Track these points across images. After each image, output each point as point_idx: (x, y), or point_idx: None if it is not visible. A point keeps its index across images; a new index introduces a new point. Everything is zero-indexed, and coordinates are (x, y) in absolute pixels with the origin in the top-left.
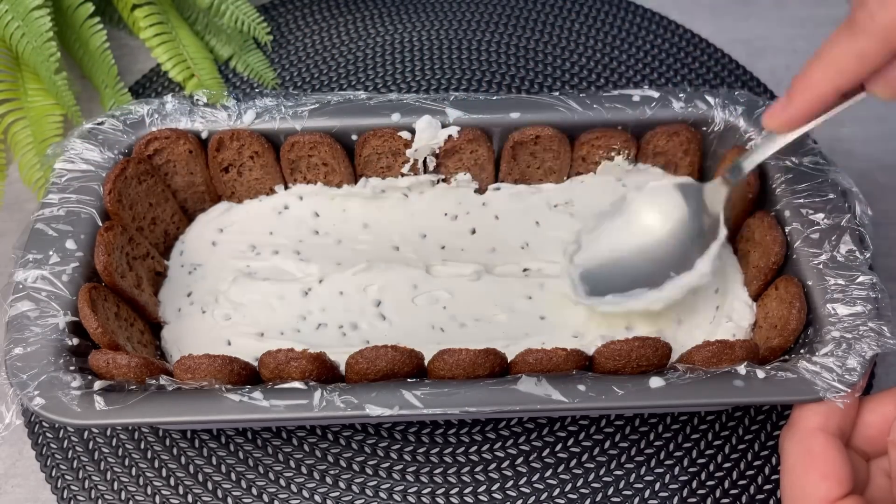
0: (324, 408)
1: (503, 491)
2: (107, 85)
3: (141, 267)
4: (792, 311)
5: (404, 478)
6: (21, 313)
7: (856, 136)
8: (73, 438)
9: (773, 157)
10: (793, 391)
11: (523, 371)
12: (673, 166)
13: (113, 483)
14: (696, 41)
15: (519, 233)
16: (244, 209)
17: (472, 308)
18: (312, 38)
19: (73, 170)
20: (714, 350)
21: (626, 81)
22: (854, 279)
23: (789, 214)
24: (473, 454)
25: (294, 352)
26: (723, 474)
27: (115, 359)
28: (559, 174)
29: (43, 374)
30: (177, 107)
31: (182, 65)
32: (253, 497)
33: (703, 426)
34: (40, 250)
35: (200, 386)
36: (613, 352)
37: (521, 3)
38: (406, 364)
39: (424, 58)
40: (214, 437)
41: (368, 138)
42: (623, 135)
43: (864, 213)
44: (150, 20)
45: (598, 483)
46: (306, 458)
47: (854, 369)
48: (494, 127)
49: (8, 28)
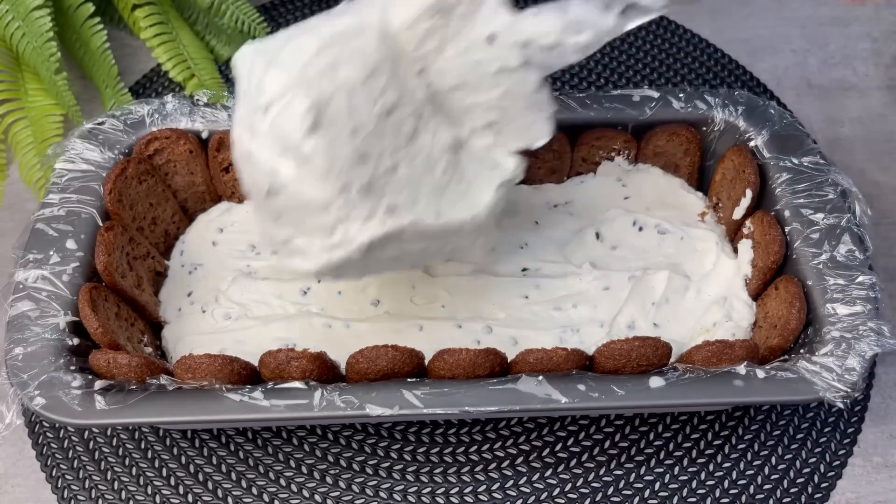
0: (324, 407)
1: (503, 491)
2: (107, 85)
3: (141, 267)
4: (792, 311)
5: (404, 478)
6: (21, 313)
7: (856, 136)
8: (73, 438)
9: (773, 157)
10: (793, 391)
11: (523, 371)
12: (673, 166)
13: (113, 483)
14: (696, 41)
15: (518, 233)
16: (244, 209)
17: (471, 307)
18: None
19: (73, 170)
20: (714, 350)
21: (626, 81)
22: (854, 279)
23: (789, 214)
24: (473, 454)
25: (294, 351)
26: (723, 474)
27: (116, 358)
28: (559, 174)
29: (43, 373)
30: (177, 107)
31: (182, 65)
32: (253, 497)
33: (703, 426)
34: (41, 250)
35: (201, 386)
36: (613, 351)
37: (521, 3)
38: (406, 364)
39: None
40: (214, 436)
41: None
42: (623, 135)
43: (864, 213)
44: (150, 20)
45: (598, 483)
46: (306, 457)
47: (854, 369)
48: None
49: (8, 28)
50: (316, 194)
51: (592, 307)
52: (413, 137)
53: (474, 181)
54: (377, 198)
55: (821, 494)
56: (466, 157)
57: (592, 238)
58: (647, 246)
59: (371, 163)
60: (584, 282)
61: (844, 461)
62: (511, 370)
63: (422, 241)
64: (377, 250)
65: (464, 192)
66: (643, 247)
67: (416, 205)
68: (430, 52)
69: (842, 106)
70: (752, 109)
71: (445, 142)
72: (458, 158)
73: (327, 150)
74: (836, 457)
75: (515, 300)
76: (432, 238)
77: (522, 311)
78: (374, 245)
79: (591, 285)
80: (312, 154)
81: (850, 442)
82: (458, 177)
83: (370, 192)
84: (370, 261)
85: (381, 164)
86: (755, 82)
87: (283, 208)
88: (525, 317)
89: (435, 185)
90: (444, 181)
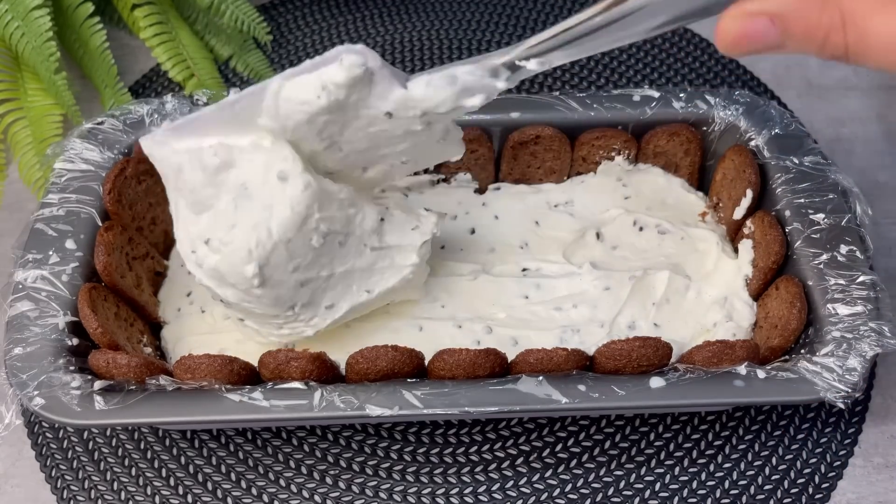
0: (324, 408)
1: (503, 491)
2: (107, 85)
3: (141, 267)
4: (792, 311)
5: (404, 478)
6: (21, 313)
7: (856, 136)
8: (73, 438)
9: (774, 157)
10: (793, 391)
11: (524, 371)
12: (673, 166)
13: (113, 483)
14: (696, 41)
15: (518, 233)
16: None
17: (471, 307)
18: (312, 38)
19: (72, 170)
20: (714, 350)
21: (627, 81)
22: (854, 279)
23: (790, 214)
24: (473, 454)
25: (294, 352)
26: (723, 474)
27: (115, 359)
28: (559, 174)
29: (43, 374)
30: (177, 107)
31: (182, 65)
32: (253, 497)
33: (704, 426)
34: (40, 250)
35: (200, 386)
36: (614, 351)
37: (521, 3)
38: (406, 364)
39: (424, 58)
40: (214, 437)
41: None
42: (623, 135)
43: (865, 213)
44: (150, 20)
45: (599, 483)
46: (306, 458)
47: (854, 369)
48: (494, 126)
49: (8, 28)
50: (262, 312)
51: (593, 307)
52: (344, 242)
53: (398, 251)
54: (317, 304)
55: (821, 495)
56: (389, 225)
57: (592, 238)
58: (648, 246)
59: (311, 283)
60: (585, 282)
61: (845, 461)
62: (511, 370)
63: (360, 310)
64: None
65: (390, 264)
66: (643, 247)
67: (349, 293)
68: (335, 133)
69: (842, 106)
70: (753, 109)
71: (373, 222)
72: (383, 229)
73: (272, 291)
74: (836, 457)
75: (515, 300)
76: (369, 305)
77: (522, 312)
78: (321, 330)
79: (592, 285)
80: (259, 296)
81: (851, 442)
82: (384, 252)
83: (311, 303)
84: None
85: (320, 278)
86: (756, 82)
87: (229, 305)
88: (525, 317)
89: (365, 268)
90: (373, 260)
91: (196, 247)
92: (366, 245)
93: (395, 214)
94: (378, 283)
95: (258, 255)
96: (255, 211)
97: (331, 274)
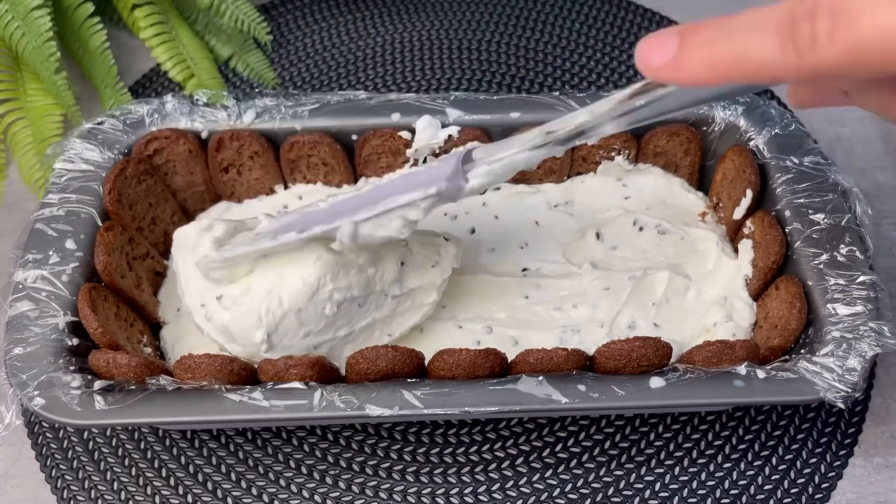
0: (324, 408)
1: (503, 491)
2: (107, 85)
3: (141, 267)
4: (792, 311)
5: (404, 478)
6: (21, 313)
7: (856, 136)
8: (73, 438)
9: (774, 157)
10: (793, 391)
11: (524, 371)
12: (673, 166)
13: (113, 483)
14: None
15: (518, 233)
16: (244, 209)
17: (471, 308)
18: (312, 38)
19: (72, 170)
20: (714, 350)
21: (627, 81)
22: (854, 279)
23: (790, 214)
24: (473, 454)
25: (293, 359)
26: (723, 474)
27: (116, 358)
28: (559, 174)
29: (43, 374)
30: (177, 107)
31: (182, 65)
32: (253, 497)
33: (704, 426)
34: (40, 250)
35: (200, 386)
36: (614, 351)
37: (521, 3)
38: (406, 364)
39: (424, 58)
40: (214, 437)
41: (368, 138)
42: (623, 134)
43: (865, 212)
44: (150, 20)
45: (598, 483)
46: (306, 458)
47: (854, 369)
48: (494, 127)
49: (8, 28)
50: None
51: (593, 307)
52: (364, 302)
53: (419, 290)
54: (338, 357)
55: (821, 495)
56: (409, 267)
57: (592, 238)
58: (648, 246)
59: (326, 343)
60: (585, 282)
61: (845, 461)
62: (511, 370)
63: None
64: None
65: (410, 305)
66: (643, 247)
67: (371, 340)
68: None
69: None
70: (753, 109)
71: (394, 273)
72: (405, 273)
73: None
74: (836, 457)
75: (515, 300)
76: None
77: (523, 312)
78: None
79: (592, 285)
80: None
81: (851, 442)
82: (405, 296)
83: (330, 356)
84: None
85: (337, 338)
86: None
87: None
88: (525, 317)
89: (386, 316)
90: (394, 306)
91: (206, 300)
92: (387, 295)
93: (414, 252)
94: (400, 326)
95: (268, 322)
96: (271, 277)
97: (350, 332)
